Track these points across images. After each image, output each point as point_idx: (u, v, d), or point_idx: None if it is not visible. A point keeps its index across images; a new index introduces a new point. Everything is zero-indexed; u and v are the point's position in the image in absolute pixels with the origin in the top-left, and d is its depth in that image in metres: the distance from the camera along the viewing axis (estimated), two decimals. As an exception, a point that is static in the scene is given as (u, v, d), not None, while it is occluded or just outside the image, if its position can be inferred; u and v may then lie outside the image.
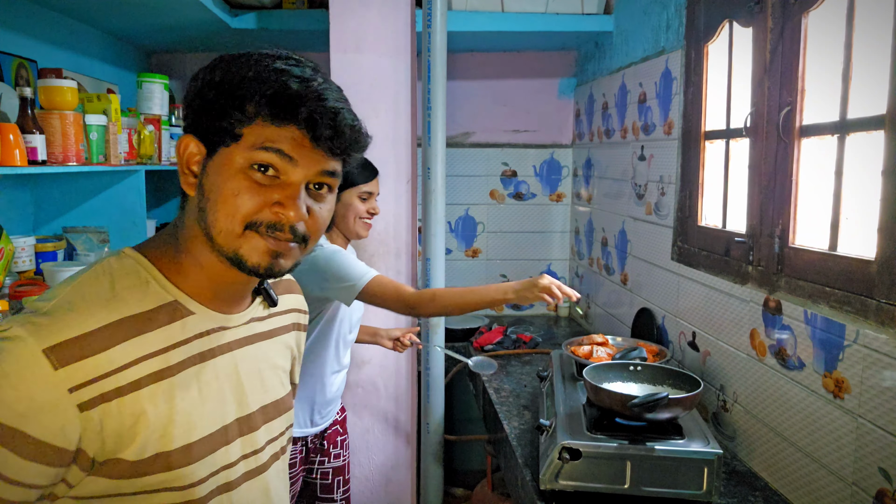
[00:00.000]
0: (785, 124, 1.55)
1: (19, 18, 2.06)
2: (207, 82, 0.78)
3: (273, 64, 0.77)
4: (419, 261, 2.58)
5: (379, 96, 2.32)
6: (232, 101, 0.76)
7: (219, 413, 0.83)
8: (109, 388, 0.72)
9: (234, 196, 0.76)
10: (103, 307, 0.74)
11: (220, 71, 0.78)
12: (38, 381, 0.68)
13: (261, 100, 0.76)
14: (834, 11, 1.43)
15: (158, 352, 0.76)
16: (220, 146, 0.77)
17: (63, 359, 0.69)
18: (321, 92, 0.77)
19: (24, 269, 1.98)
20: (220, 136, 0.77)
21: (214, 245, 0.78)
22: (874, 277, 1.26)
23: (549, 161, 3.36)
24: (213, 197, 0.77)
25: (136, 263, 0.80)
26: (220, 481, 0.82)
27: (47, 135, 1.73)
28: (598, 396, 1.54)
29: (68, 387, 0.69)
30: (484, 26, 2.70)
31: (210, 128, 0.78)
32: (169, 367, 0.77)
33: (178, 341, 0.79)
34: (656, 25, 2.27)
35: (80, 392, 0.70)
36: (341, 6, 2.27)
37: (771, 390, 1.58)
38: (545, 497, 1.48)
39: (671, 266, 2.13)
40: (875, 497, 1.25)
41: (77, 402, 0.70)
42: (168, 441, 0.76)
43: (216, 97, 0.77)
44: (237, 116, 0.76)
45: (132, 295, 0.77)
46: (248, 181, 0.76)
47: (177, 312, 0.79)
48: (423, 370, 2.58)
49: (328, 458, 2.02)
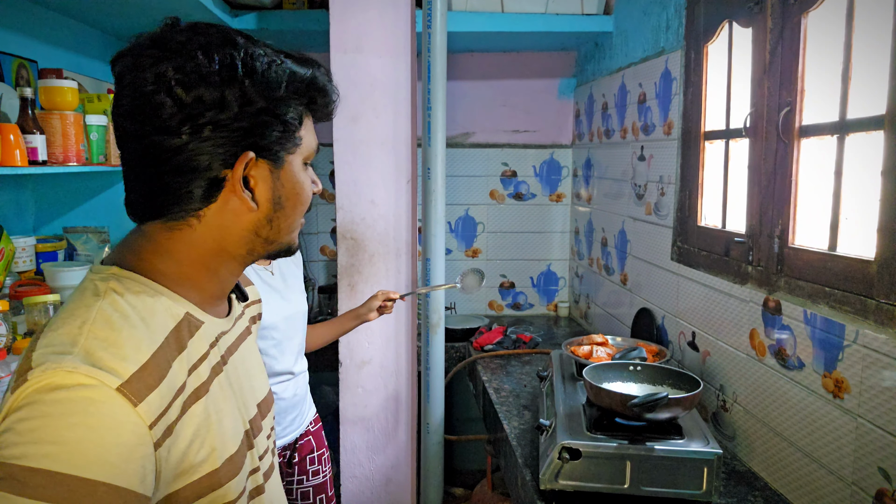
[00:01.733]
0: (785, 124, 1.55)
1: (19, 18, 2.06)
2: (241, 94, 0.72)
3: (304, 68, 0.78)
4: (419, 261, 2.58)
5: (379, 96, 2.32)
6: (285, 110, 0.75)
7: (239, 419, 0.81)
8: (172, 420, 0.67)
9: (306, 196, 0.81)
10: (143, 333, 0.68)
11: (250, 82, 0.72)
12: (124, 424, 0.61)
13: (309, 104, 0.79)
14: (834, 11, 1.43)
15: (192, 369, 0.73)
16: (284, 154, 0.77)
17: (138, 393, 0.63)
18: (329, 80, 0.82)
19: (24, 269, 1.98)
20: (282, 145, 0.77)
21: (272, 245, 0.81)
22: (874, 277, 1.27)
23: (549, 161, 3.36)
24: (289, 205, 0.79)
25: (138, 283, 0.73)
26: (251, 486, 0.82)
27: (47, 135, 1.73)
28: (598, 396, 1.54)
29: (148, 423, 0.63)
30: (484, 26, 2.70)
31: (270, 139, 0.75)
32: (203, 384, 0.74)
33: (202, 355, 0.76)
34: (656, 26, 2.28)
35: (155, 429, 0.64)
36: (341, 6, 2.28)
37: (771, 390, 1.58)
38: (545, 497, 1.48)
39: (671, 266, 2.13)
40: (875, 497, 1.25)
41: (154, 440, 0.64)
42: (215, 459, 0.73)
43: (266, 108, 0.73)
44: (295, 125, 0.77)
45: (154, 316, 0.72)
46: (308, 179, 0.82)
47: (192, 325, 0.76)
48: (423, 370, 2.58)
49: (306, 476, 1.94)
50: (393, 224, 2.38)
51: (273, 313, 1.77)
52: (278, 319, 1.78)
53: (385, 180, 2.35)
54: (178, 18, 0.75)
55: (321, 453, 1.98)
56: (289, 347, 1.82)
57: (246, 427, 0.83)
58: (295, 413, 1.87)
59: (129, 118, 0.72)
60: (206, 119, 0.70)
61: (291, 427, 1.87)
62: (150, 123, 0.70)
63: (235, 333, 0.87)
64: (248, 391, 0.87)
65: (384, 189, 2.35)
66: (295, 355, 1.85)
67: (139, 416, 0.62)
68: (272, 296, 1.77)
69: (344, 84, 2.31)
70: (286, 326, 1.81)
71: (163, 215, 0.75)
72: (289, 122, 0.76)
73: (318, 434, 2.00)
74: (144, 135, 0.71)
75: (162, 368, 0.67)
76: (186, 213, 0.74)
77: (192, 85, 0.70)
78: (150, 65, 0.70)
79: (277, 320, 1.78)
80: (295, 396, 1.86)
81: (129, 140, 0.73)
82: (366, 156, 2.33)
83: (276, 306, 1.77)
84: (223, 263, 0.79)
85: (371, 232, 2.36)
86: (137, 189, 0.75)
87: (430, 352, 2.53)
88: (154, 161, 0.72)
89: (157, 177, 0.73)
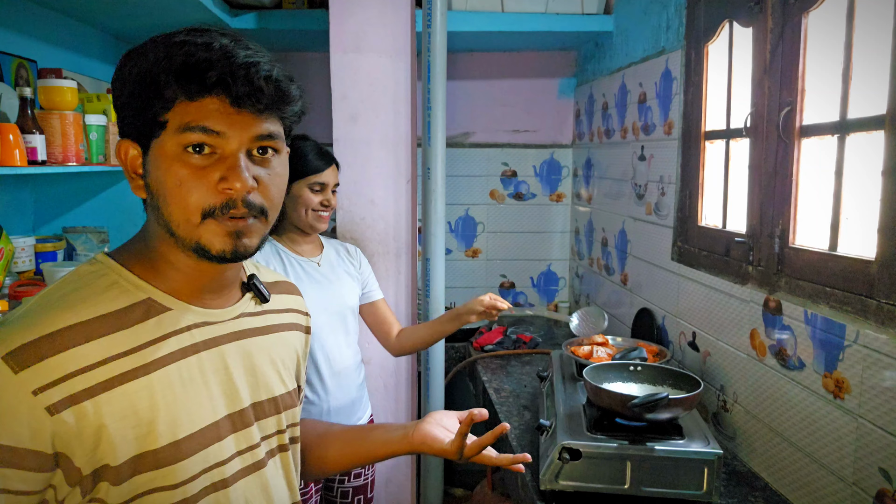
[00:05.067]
0: (785, 124, 1.55)
1: (19, 18, 2.06)
2: (123, 79, 0.75)
3: (174, 39, 0.74)
4: (419, 261, 2.58)
5: (379, 96, 2.31)
6: (148, 90, 0.73)
7: (208, 409, 0.81)
8: (79, 389, 0.70)
9: (179, 186, 0.74)
10: (68, 310, 0.73)
11: (130, 64, 0.75)
12: (5, 387, 0.67)
13: (170, 78, 0.72)
14: (834, 11, 1.43)
15: (133, 350, 0.75)
16: (151, 140, 0.75)
17: (22, 362, 0.68)
18: (228, 50, 0.72)
19: (24, 269, 1.98)
20: (148, 129, 0.75)
21: (178, 240, 0.77)
22: (874, 277, 1.26)
23: (549, 161, 3.36)
24: (160, 192, 0.76)
25: (105, 266, 0.80)
26: (215, 478, 0.81)
27: (47, 135, 1.73)
28: (598, 396, 1.54)
29: (31, 389, 0.68)
30: (484, 26, 2.70)
31: (137, 124, 0.75)
32: (145, 365, 0.75)
33: (154, 338, 0.77)
34: (656, 25, 2.27)
35: (46, 394, 0.69)
36: (341, 6, 2.27)
37: (771, 390, 1.58)
38: (545, 497, 1.48)
39: (671, 266, 2.13)
40: (875, 497, 1.25)
41: (45, 405, 0.69)
42: (153, 439, 0.75)
43: (134, 91, 0.74)
44: (157, 105, 0.73)
45: (101, 296, 0.76)
46: (186, 167, 0.74)
47: (151, 310, 0.78)
48: (423, 370, 2.58)
49: (348, 477, 1.94)
50: (393, 224, 2.38)
51: (310, 302, 1.73)
52: (317, 310, 1.75)
53: (385, 180, 2.35)
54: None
55: None
56: (330, 341, 1.80)
57: (217, 418, 0.82)
58: (340, 416, 1.85)
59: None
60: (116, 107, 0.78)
61: None
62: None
63: (237, 327, 0.87)
64: (240, 385, 0.86)
65: (384, 189, 2.35)
66: (338, 353, 1.83)
67: (19, 381, 0.68)
68: (311, 287, 1.77)
69: (344, 84, 2.31)
70: (326, 319, 1.79)
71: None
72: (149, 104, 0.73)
73: None
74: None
75: (74, 340, 0.71)
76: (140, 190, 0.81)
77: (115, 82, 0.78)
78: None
79: (315, 310, 1.73)
80: (350, 397, 1.86)
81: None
82: (365, 155, 2.32)
83: (314, 299, 1.75)
84: (171, 251, 0.80)
85: (371, 232, 2.36)
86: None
87: (430, 352, 2.53)
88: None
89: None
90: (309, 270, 1.82)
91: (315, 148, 1.80)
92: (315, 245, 1.89)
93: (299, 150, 1.77)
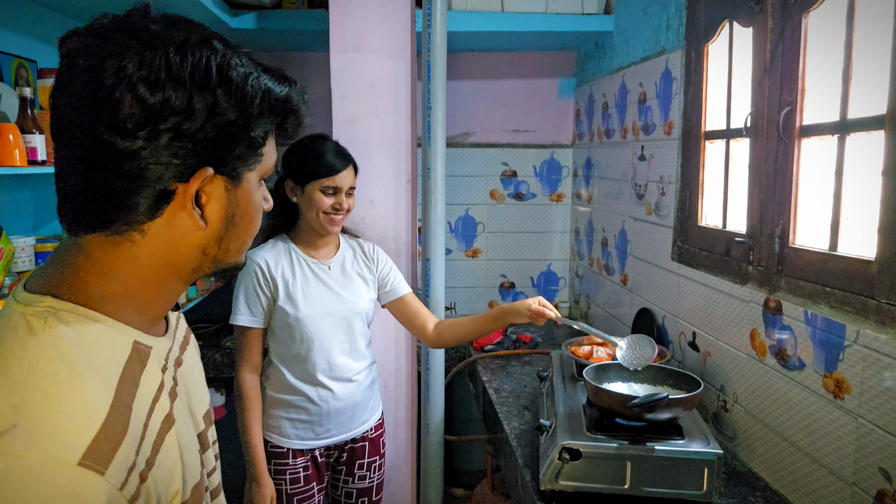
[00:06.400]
0: (785, 124, 1.55)
1: (19, 18, 2.06)
2: (213, 103, 0.65)
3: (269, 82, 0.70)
4: (419, 261, 2.58)
5: (379, 96, 2.31)
6: (254, 126, 0.69)
7: (193, 438, 0.76)
8: (143, 467, 0.61)
9: (260, 215, 0.76)
10: (94, 383, 0.60)
11: (223, 92, 0.65)
12: (96, 498, 0.55)
13: (278, 123, 0.73)
14: (834, 11, 1.43)
15: (153, 404, 0.67)
16: (244, 170, 0.71)
17: (102, 459, 0.56)
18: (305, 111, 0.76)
19: (24, 269, 1.98)
20: (244, 161, 0.70)
21: (220, 264, 0.74)
22: (874, 277, 1.26)
23: (549, 161, 3.36)
24: (242, 224, 0.73)
25: (79, 317, 0.65)
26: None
27: (47, 135, 1.73)
28: (598, 396, 1.54)
29: (118, 486, 0.57)
30: (484, 26, 2.70)
31: (233, 155, 0.69)
32: (169, 414, 0.69)
33: (159, 385, 0.70)
34: (656, 25, 2.27)
35: (127, 487, 0.58)
36: (341, 6, 2.27)
37: (771, 390, 1.58)
38: (545, 497, 1.48)
39: (671, 266, 2.13)
40: (875, 497, 1.25)
41: (127, 499, 0.58)
42: (185, 489, 0.69)
43: (235, 122, 0.67)
44: (260, 143, 0.71)
45: (102, 356, 0.64)
46: (260, 195, 0.76)
47: (142, 355, 0.69)
48: (423, 370, 2.58)
49: (352, 479, 1.92)
50: (393, 224, 2.38)
51: (315, 306, 1.76)
52: (321, 313, 1.77)
53: (385, 180, 2.35)
54: (148, 4, 0.66)
55: (372, 461, 1.94)
56: (332, 345, 1.79)
57: (197, 445, 0.77)
58: (342, 418, 1.84)
59: (78, 109, 0.62)
60: (167, 125, 0.62)
61: (337, 430, 1.84)
62: (102, 119, 0.61)
63: (177, 347, 0.80)
64: (196, 404, 0.80)
65: (384, 189, 2.35)
66: (340, 357, 1.81)
67: (109, 484, 0.56)
68: (317, 289, 1.77)
69: (344, 84, 2.31)
70: (329, 323, 1.78)
71: (104, 227, 0.66)
72: (255, 140, 0.70)
73: (376, 441, 1.95)
74: (93, 130, 0.61)
75: (124, 417, 0.60)
76: (128, 226, 0.66)
77: (159, 85, 0.61)
78: (114, 53, 0.61)
79: (319, 314, 1.77)
80: (353, 399, 1.84)
81: (72, 133, 0.63)
82: (365, 156, 2.32)
83: (319, 302, 1.76)
84: (169, 282, 0.72)
85: (371, 232, 2.35)
86: (76, 195, 0.65)
87: (430, 352, 2.53)
88: (99, 163, 0.63)
89: (101, 181, 0.63)
90: (318, 272, 1.80)
91: (332, 148, 1.77)
92: (331, 246, 1.88)
93: (315, 150, 1.75)
